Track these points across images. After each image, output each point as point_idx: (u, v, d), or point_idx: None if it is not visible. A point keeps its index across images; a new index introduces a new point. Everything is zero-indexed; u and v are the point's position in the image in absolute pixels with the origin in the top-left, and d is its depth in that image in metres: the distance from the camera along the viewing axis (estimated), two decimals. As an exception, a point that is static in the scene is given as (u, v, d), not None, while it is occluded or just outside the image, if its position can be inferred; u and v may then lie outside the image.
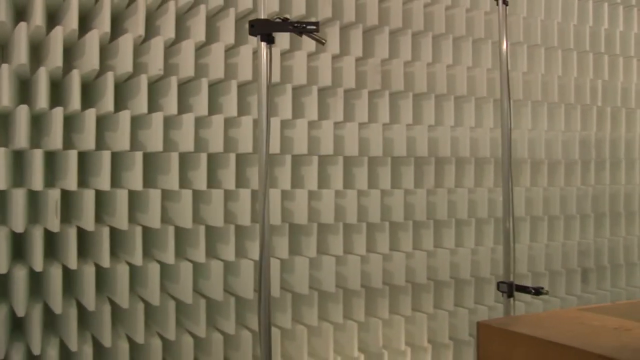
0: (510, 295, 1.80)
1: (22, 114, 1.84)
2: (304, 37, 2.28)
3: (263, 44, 1.30)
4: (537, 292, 1.72)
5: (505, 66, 1.86)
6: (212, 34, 2.14)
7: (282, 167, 2.21)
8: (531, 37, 2.84)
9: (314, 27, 1.32)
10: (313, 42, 2.27)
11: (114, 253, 2.02)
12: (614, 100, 3.12)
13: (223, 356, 2.10)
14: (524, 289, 1.77)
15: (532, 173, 2.84)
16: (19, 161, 1.95)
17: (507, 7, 1.85)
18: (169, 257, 2.01)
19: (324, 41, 1.42)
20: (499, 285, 1.85)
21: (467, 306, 2.63)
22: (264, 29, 1.29)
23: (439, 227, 2.58)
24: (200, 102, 2.07)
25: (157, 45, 2.02)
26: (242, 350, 2.14)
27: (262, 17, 1.34)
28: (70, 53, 2.04)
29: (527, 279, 2.76)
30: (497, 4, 1.84)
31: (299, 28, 1.30)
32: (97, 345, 1.97)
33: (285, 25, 1.30)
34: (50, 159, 1.98)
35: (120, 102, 2.03)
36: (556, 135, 2.89)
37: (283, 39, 2.20)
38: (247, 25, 1.79)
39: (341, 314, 2.32)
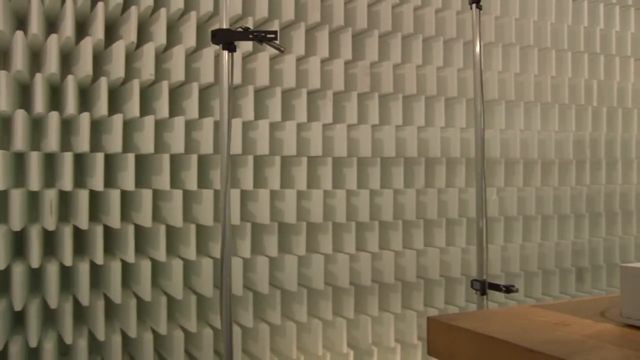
0: (483, 292, 1.84)
1: (20, 118, 1.93)
2: (294, 41, 2.36)
3: (225, 52, 1.37)
4: (508, 290, 1.76)
5: (479, 68, 1.91)
6: (202, 40, 2.22)
7: (272, 168, 2.28)
8: (524, 38, 2.86)
9: (272, 36, 1.39)
10: (302, 47, 2.35)
11: (108, 250, 2.10)
12: (610, 100, 3.12)
13: (213, 349, 2.17)
14: (495, 287, 1.81)
15: (525, 173, 2.86)
16: (18, 163, 2.04)
17: (481, 11, 1.89)
18: (161, 255, 2.09)
19: (282, 49, 1.48)
20: (472, 283, 1.89)
21: (458, 304, 2.67)
22: (225, 38, 1.36)
23: (429, 227, 2.62)
24: (191, 105, 2.15)
25: (149, 51, 2.10)
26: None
27: (225, 24, 1.41)
28: (67, 59, 2.13)
29: (519, 278, 2.79)
30: (471, 8, 1.88)
31: (259, 37, 1.36)
32: (92, 339, 2.06)
33: (245, 34, 1.37)
34: (48, 160, 2.07)
35: (114, 106, 2.12)
36: (550, 135, 2.91)
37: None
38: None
39: (331, 310, 2.38)
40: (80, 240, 2.10)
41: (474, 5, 1.86)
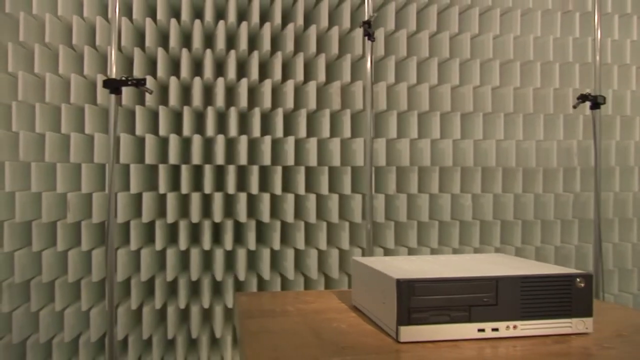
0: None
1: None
2: (273, 68, 2.81)
3: (112, 95, 1.90)
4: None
5: (370, 83, 2.24)
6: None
7: (251, 175, 2.75)
8: (505, 53, 3.01)
9: (143, 83, 1.89)
10: (279, 72, 2.79)
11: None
12: (605, 108, 3.13)
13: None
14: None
15: (510, 180, 3.02)
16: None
17: (373, 43, 2.20)
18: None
19: (150, 91, 1.97)
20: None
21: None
22: (112, 85, 1.90)
23: (401, 228, 2.91)
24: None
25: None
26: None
27: (113, 75, 1.95)
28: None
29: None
30: (363, 41, 2.19)
31: (135, 83, 1.87)
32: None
33: (125, 81, 1.88)
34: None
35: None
36: (531, 144, 3.02)
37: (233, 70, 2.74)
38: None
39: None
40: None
41: (366, 38, 2.17)
